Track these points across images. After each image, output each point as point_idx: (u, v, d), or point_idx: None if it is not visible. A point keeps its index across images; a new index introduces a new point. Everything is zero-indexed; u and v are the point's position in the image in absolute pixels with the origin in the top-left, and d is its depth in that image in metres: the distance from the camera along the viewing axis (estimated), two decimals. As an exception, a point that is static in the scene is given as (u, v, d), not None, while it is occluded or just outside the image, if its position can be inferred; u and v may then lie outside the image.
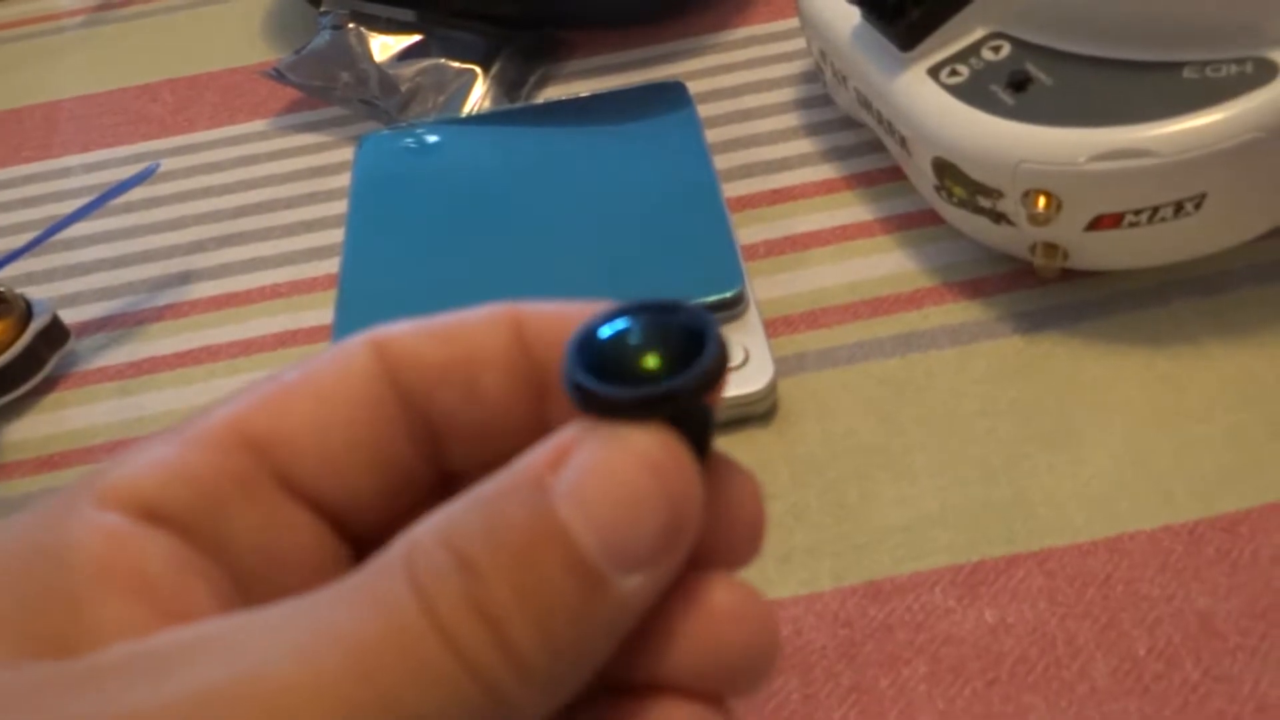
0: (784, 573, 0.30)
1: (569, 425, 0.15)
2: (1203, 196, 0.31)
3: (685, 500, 0.14)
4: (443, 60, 0.49)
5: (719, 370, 0.15)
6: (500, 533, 0.14)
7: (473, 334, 0.17)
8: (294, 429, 0.16)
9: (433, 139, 0.44)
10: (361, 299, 0.38)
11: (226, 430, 0.16)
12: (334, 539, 0.17)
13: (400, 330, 0.17)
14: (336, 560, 0.17)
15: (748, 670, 0.16)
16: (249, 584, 0.16)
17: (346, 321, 0.37)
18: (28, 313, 0.39)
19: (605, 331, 0.15)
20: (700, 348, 0.15)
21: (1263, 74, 0.31)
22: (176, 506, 0.15)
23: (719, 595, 0.16)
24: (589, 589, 0.14)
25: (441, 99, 0.48)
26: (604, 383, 0.15)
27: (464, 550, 0.14)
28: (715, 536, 0.16)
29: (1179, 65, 0.32)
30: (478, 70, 0.49)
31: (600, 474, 0.14)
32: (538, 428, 0.17)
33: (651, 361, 0.15)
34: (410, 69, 0.49)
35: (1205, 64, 0.32)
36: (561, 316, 0.17)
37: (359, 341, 0.17)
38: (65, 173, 0.49)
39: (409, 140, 0.44)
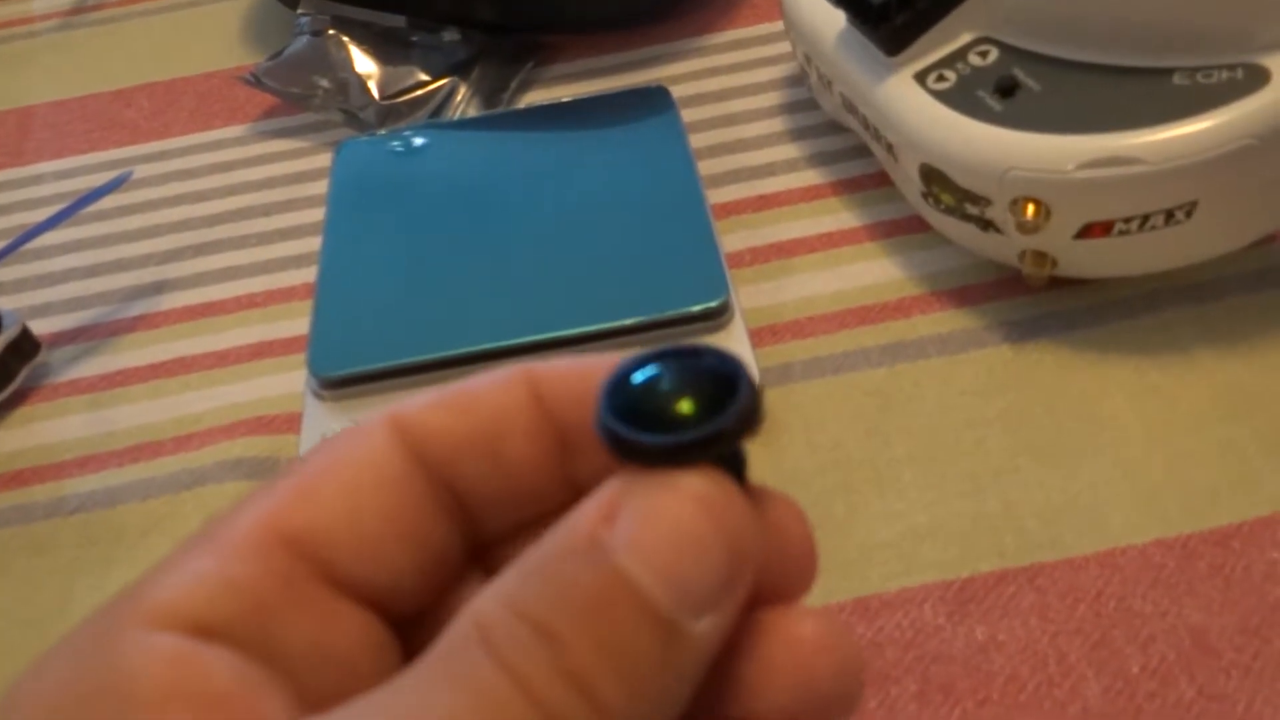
0: (770, 590, 0.29)
1: (610, 480, 0.15)
2: (1193, 204, 0.31)
3: (743, 536, 0.15)
4: (423, 67, 0.48)
5: (757, 408, 0.15)
6: (571, 596, 0.14)
7: (490, 401, 0.17)
8: (328, 521, 0.16)
9: (412, 145, 0.44)
10: (338, 308, 0.37)
11: (261, 533, 0.16)
12: (378, 626, 0.17)
13: (416, 406, 0.17)
14: (384, 647, 0.16)
15: (840, 699, 0.16)
16: (306, 686, 0.15)
17: (323, 331, 0.36)
18: (-4, 324, 0.38)
19: (634, 379, 0.15)
20: (729, 389, 0.15)
21: (1254, 80, 0.30)
22: (228, 620, 0.15)
23: (804, 627, 0.16)
24: (664, 637, 0.14)
25: (421, 111, 0.47)
26: (640, 431, 0.15)
27: (540, 619, 0.14)
28: (772, 568, 0.16)
29: (1169, 71, 0.32)
30: (458, 77, 0.48)
31: (656, 521, 0.14)
32: (564, 487, 0.17)
33: (686, 406, 0.15)
34: (390, 77, 0.48)
35: (1196, 70, 0.31)
36: (576, 371, 0.17)
37: (376, 423, 0.17)
38: (37, 180, 0.49)
39: (388, 146, 0.44)
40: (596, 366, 0.17)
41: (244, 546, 0.16)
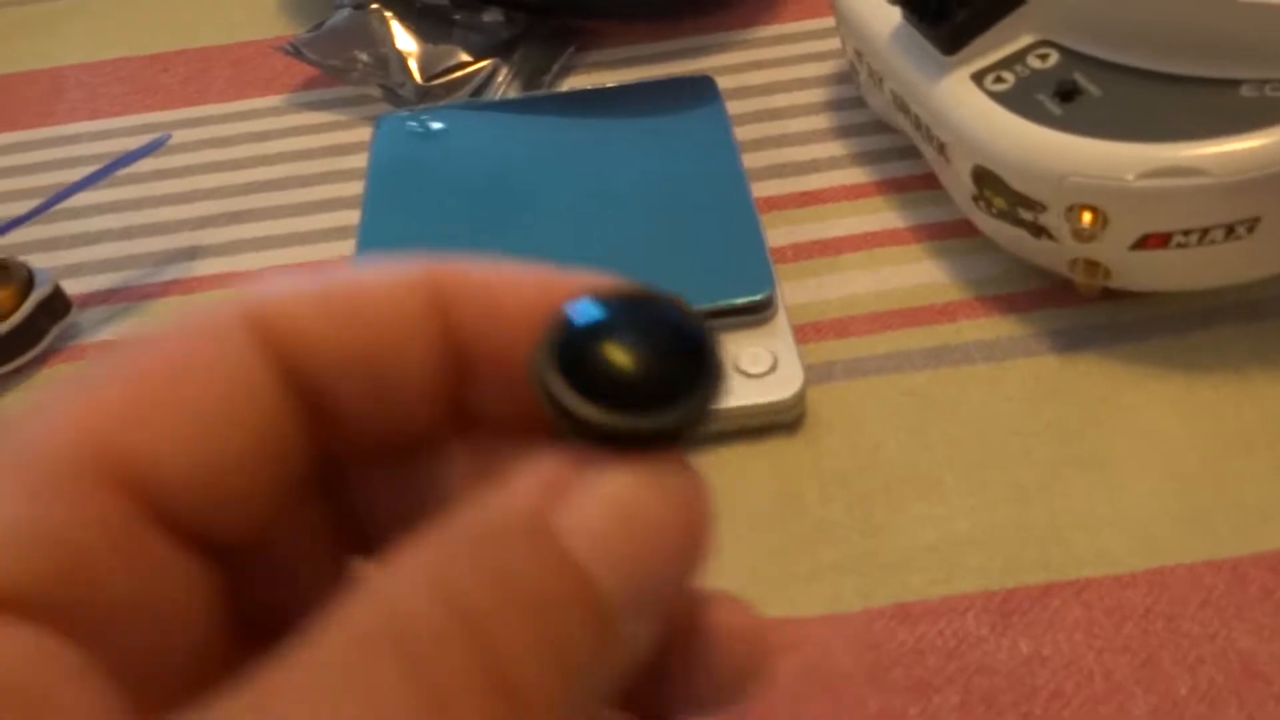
0: (809, 591, 0.29)
1: (552, 451, 0.13)
2: (1256, 220, 0.30)
3: (703, 532, 0.13)
4: (464, 47, 0.48)
5: (722, 383, 0.13)
6: (512, 585, 0.12)
7: (383, 310, 0.14)
8: (166, 447, 0.13)
9: (452, 123, 0.43)
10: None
11: (81, 456, 0.12)
12: (208, 567, 0.14)
13: (286, 299, 0.14)
14: (213, 593, 0.14)
15: (754, 678, 0.16)
16: (128, 662, 0.12)
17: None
18: (29, 282, 0.37)
19: (580, 327, 0.13)
20: (688, 345, 0.13)
21: (1326, 96, 0.30)
22: (32, 584, 0.11)
23: (735, 616, 0.15)
24: (608, 636, 0.12)
25: (461, 92, 0.46)
26: (585, 395, 0.12)
27: (470, 609, 0.11)
28: None
29: (1237, 83, 0.31)
30: (499, 59, 0.47)
31: (620, 510, 0.12)
32: (447, 407, 0.15)
33: (644, 369, 0.13)
34: (431, 55, 0.47)
35: (1264, 82, 0.31)
36: (491, 287, 0.14)
37: (230, 316, 0.13)
38: (72, 140, 0.48)
39: (427, 123, 0.43)
40: (519, 283, 0.14)
41: (55, 475, 0.12)
